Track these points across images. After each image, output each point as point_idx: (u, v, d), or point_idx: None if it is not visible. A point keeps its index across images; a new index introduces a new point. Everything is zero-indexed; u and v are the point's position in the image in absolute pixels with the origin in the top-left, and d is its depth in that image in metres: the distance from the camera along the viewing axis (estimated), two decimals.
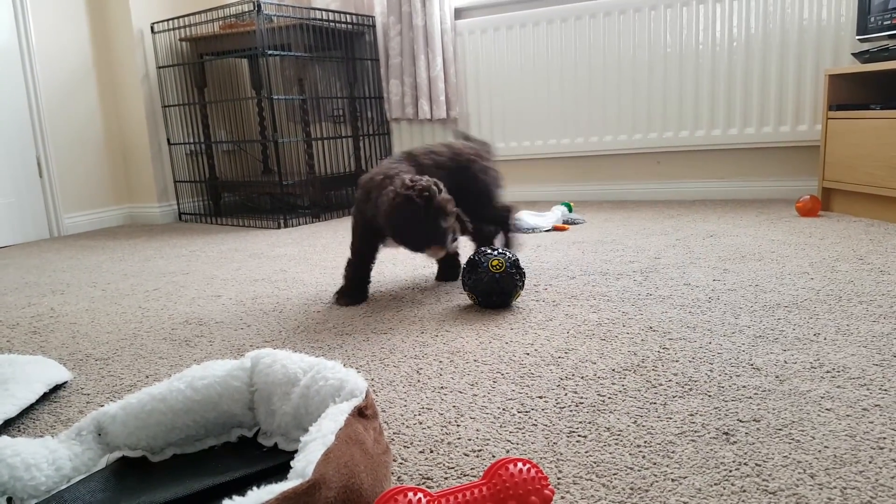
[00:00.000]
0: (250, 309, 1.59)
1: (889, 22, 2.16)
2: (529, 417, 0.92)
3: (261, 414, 0.84)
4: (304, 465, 0.59)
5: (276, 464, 0.77)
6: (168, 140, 3.29)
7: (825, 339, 1.15)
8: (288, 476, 0.60)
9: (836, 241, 1.93)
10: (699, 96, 2.79)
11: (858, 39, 2.32)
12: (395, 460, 0.83)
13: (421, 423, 0.92)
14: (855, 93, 2.35)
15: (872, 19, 2.23)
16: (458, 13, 3.19)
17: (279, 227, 2.91)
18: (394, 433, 0.90)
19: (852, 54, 2.37)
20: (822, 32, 2.57)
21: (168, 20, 3.12)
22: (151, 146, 3.23)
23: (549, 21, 2.97)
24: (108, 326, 1.52)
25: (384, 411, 0.97)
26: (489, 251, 1.48)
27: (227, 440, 0.84)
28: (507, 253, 1.48)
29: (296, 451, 0.64)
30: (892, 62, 2.06)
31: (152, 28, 3.18)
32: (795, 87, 2.64)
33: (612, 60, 2.90)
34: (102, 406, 0.82)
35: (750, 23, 2.67)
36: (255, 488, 0.56)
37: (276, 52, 2.86)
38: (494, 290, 1.44)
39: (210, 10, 2.99)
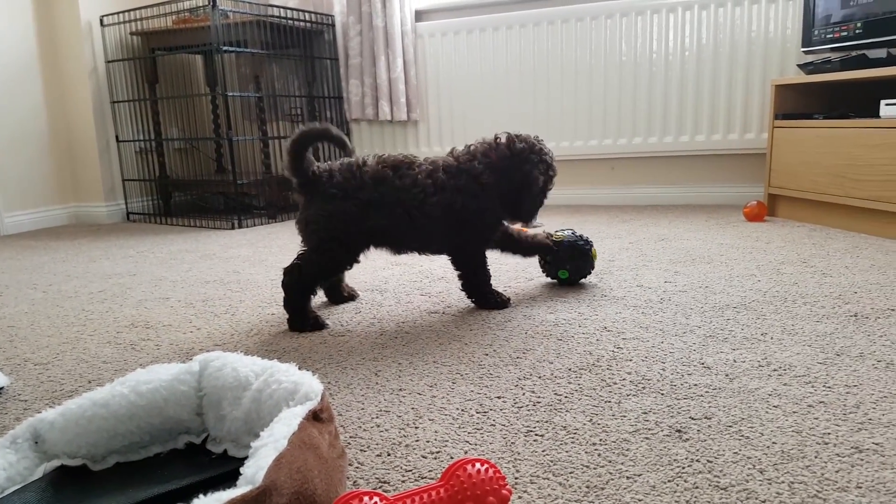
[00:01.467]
0: (200, 311, 1.55)
1: (832, 35, 2.24)
2: (488, 418, 0.92)
3: (210, 419, 0.81)
4: (254, 472, 0.57)
5: (226, 471, 0.75)
6: (116, 137, 3.19)
7: (772, 338, 1.18)
8: (237, 483, 0.58)
9: (781, 244, 1.98)
10: (652, 104, 2.85)
11: (803, 51, 2.40)
12: (351, 464, 0.81)
13: (378, 426, 0.91)
14: (799, 103, 2.42)
15: (816, 32, 2.31)
16: (419, 15, 3.18)
17: (233, 228, 2.86)
18: (350, 437, 0.89)
19: (797, 65, 2.45)
20: (769, 44, 2.65)
21: (118, 13, 3.04)
22: (99, 143, 3.13)
23: (508, 26, 2.99)
24: (49, 330, 1.46)
25: (341, 415, 0.96)
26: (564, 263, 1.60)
27: (173, 447, 0.81)
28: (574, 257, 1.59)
29: (246, 458, 0.62)
30: (835, 73, 2.14)
31: (101, 21, 3.08)
32: (744, 97, 2.72)
33: (569, 67, 2.94)
34: (40, 412, 0.78)
35: (701, 34, 2.73)
36: (201, 496, 0.54)
37: (231, 49, 2.81)
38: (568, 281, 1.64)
39: (163, 3, 2.92)
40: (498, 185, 1.42)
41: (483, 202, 1.40)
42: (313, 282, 1.40)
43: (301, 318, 1.37)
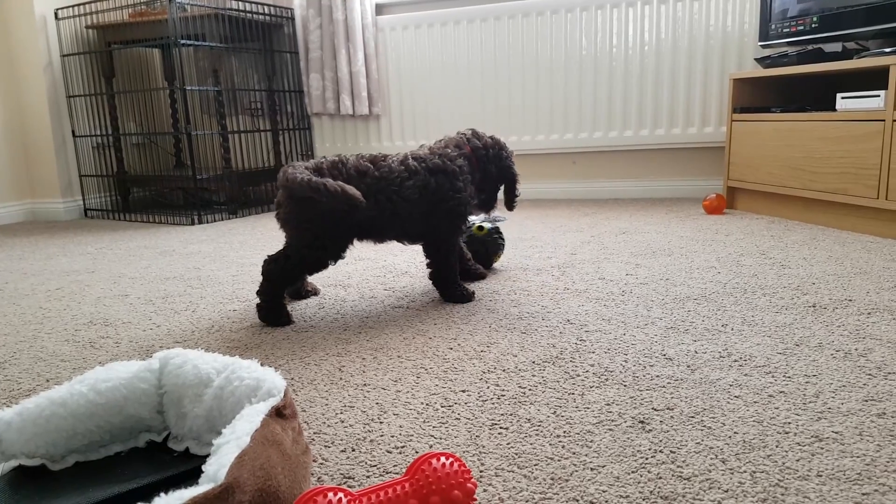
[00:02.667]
0: (160, 308, 1.52)
1: (788, 29, 2.29)
2: (452, 411, 0.92)
3: (171, 417, 0.80)
4: (216, 469, 0.56)
5: (187, 469, 0.74)
6: (73, 132, 3.11)
7: (732, 329, 1.20)
8: (199, 481, 0.57)
9: (740, 237, 2.02)
10: (612, 98, 2.88)
11: (760, 45, 2.44)
12: (315, 460, 0.80)
13: (343, 422, 0.90)
14: (757, 96, 2.47)
15: (773, 27, 2.36)
16: (380, 9, 3.16)
17: (193, 224, 2.81)
18: (314, 433, 0.88)
19: (755, 59, 2.50)
20: (727, 38, 2.70)
21: (73, 6, 2.95)
22: (55, 138, 3.05)
23: (469, 20, 2.99)
24: (5, 328, 1.42)
25: (304, 411, 0.95)
26: (473, 220, 1.72)
27: (134, 445, 0.79)
28: (490, 223, 1.72)
29: (208, 456, 0.61)
30: (792, 67, 2.18)
31: (56, 14, 3.00)
32: (702, 91, 2.76)
33: (530, 61, 2.95)
34: None
35: (660, 28, 2.76)
36: (163, 495, 0.53)
37: (189, 42, 2.75)
38: (479, 250, 1.70)
39: None
40: (472, 173, 1.51)
41: (457, 184, 1.45)
42: (299, 273, 1.40)
43: (276, 311, 1.37)
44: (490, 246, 1.70)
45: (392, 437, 0.86)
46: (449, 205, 1.44)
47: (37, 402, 0.75)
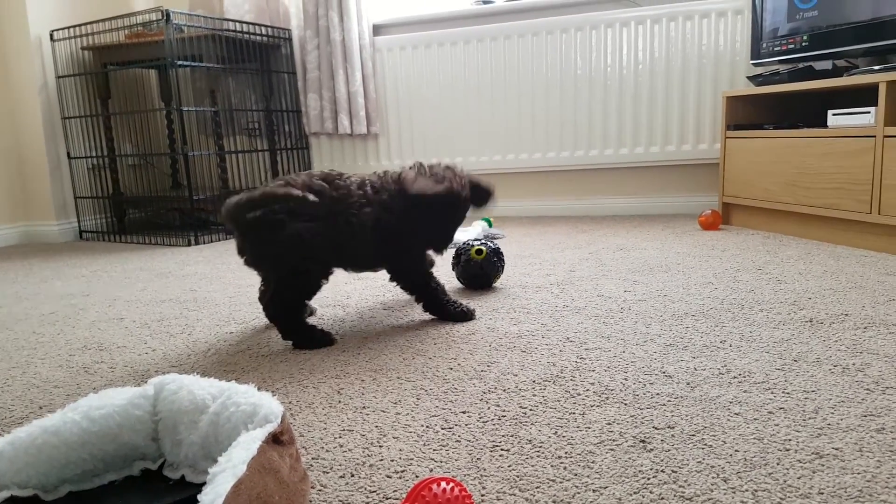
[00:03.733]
0: (156, 332, 1.51)
1: (779, 48, 2.31)
2: (453, 433, 0.91)
3: (166, 445, 0.79)
4: (212, 499, 0.55)
5: (183, 497, 0.73)
6: (68, 154, 3.11)
7: (731, 345, 1.20)
8: None
9: (736, 252, 2.03)
10: (607, 116, 2.89)
11: (752, 64, 2.46)
12: (313, 487, 0.79)
13: (341, 446, 0.90)
14: (750, 114, 2.49)
15: (765, 45, 2.38)
16: (377, 30, 3.18)
17: (189, 245, 2.80)
18: (312, 458, 0.87)
19: (747, 77, 2.52)
20: (719, 57, 2.72)
21: (69, 27, 2.97)
22: (49, 160, 3.04)
23: (465, 41, 3.01)
24: None
25: (302, 436, 0.94)
26: (472, 242, 1.73)
27: (128, 474, 0.78)
28: (489, 243, 1.72)
29: (204, 484, 0.60)
30: (783, 85, 2.20)
31: (51, 35, 3.01)
32: (696, 108, 2.78)
33: (526, 81, 2.97)
34: None
35: (654, 47, 2.79)
36: None
37: (186, 63, 2.76)
38: (478, 273, 1.70)
39: (115, 17, 2.86)
40: None
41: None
42: (300, 302, 1.38)
43: (309, 334, 1.34)
44: (489, 268, 1.70)
45: (392, 461, 0.85)
46: (412, 233, 1.42)
47: (29, 430, 0.74)
